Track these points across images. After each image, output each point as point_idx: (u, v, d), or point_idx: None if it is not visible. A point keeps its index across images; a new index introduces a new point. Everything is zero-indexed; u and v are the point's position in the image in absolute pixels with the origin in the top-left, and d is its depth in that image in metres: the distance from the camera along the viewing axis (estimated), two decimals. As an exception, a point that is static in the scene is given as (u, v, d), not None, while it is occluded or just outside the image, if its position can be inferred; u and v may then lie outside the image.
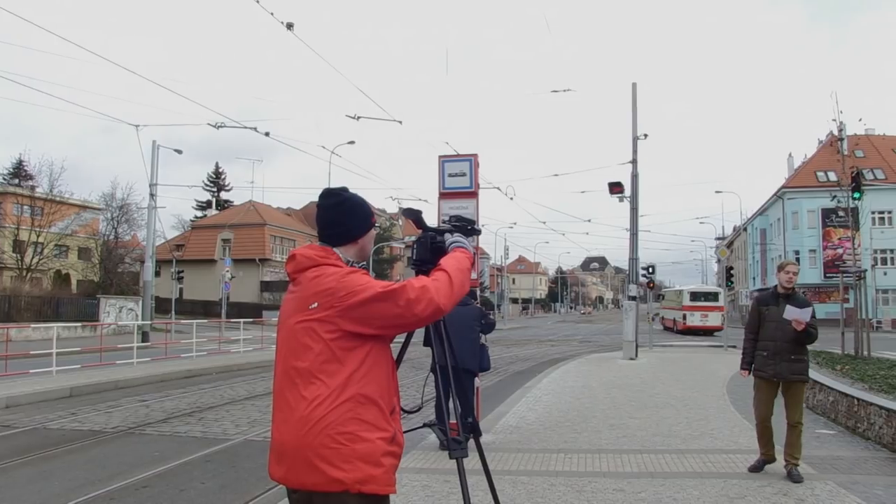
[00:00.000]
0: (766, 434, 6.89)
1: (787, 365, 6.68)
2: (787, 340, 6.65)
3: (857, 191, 17.22)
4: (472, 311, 8.47)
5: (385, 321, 2.48)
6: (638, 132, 23.60)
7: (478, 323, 8.44)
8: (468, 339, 8.24)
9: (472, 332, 8.33)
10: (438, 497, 6.12)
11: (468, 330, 8.24)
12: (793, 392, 6.76)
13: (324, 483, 2.38)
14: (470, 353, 8.23)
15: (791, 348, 6.67)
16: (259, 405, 12.32)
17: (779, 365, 6.70)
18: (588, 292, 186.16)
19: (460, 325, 8.25)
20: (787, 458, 6.64)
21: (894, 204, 53.82)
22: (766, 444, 6.89)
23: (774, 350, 6.73)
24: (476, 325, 8.40)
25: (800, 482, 6.42)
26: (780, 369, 6.70)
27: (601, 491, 6.33)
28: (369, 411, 2.46)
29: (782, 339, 6.68)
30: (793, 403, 6.75)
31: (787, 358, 6.68)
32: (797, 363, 6.70)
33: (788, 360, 6.67)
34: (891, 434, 8.13)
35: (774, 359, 6.73)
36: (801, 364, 6.72)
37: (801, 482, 6.42)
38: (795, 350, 6.68)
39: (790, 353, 6.67)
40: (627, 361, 20.93)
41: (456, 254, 2.83)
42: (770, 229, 64.18)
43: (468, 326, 8.26)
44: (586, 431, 9.31)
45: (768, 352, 6.79)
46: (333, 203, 2.72)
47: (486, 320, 8.65)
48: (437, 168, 9.34)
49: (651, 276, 30.23)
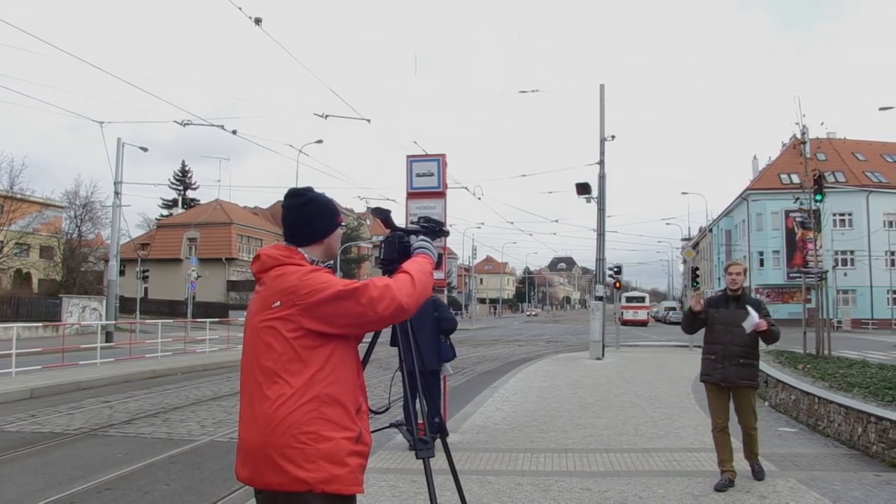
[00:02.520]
0: (724, 444, 6.49)
1: (736, 369, 6.38)
2: (736, 343, 6.37)
3: (819, 193, 17.53)
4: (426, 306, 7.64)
5: (347, 320, 2.47)
6: (605, 133, 23.84)
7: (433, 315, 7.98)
8: (426, 334, 7.78)
9: (429, 327, 7.91)
10: (406, 497, 6.12)
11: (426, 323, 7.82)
12: (742, 397, 6.51)
13: (288, 483, 2.37)
14: (429, 349, 7.80)
15: (740, 352, 6.38)
16: (225, 405, 12.20)
17: (727, 369, 6.40)
18: (555, 292, 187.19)
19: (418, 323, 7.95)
20: (748, 458, 6.61)
21: (854, 206, 54.85)
22: (727, 456, 6.47)
23: (723, 354, 6.43)
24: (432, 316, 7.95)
25: (762, 479, 6.46)
26: (727, 374, 6.40)
27: (568, 490, 6.36)
28: (334, 410, 2.45)
29: (731, 343, 6.39)
30: (744, 410, 6.53)
31: (735, 362, 6.38)
32: (746, 367, 6.40)
33: (737, 364, 6.38)
34: (849, 431, 8.29)
35: (723, 363, 6.42)
36: (750, 369, 6.44)
37: (764, 479, 6.46)
38: (745, 353, 6.40)
39: (739, 356, 6.39)
40: (594, 361, 21.08)
41: (418, 258, 2.85)
42: (735, 230, 65.07)
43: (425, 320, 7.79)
44: (553, 431, 9.36)
45: (716, 355, 6.49)
46: (298, 203, 2.71)
47: (441, 314, 8.14)
48: (406, 168, 9.32)
49: (618, 277, 30.46)
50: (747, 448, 6.61)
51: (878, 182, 56.28)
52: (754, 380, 6.55)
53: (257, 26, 12.46)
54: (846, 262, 54.79)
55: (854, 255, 55.17)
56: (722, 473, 6.44)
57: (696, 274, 31.89)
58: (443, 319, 8.11)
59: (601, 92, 23.95)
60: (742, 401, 6.54)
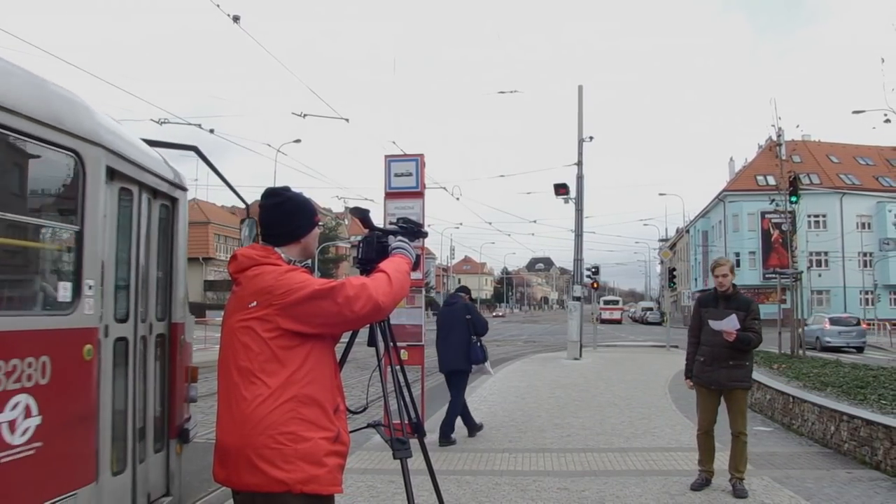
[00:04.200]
0: (707, 445, 6.42)
1: (726, 371, 6.18)
2: (723, 345, 6.14)
3: (794, 195, 17.74)
4: (459, 310, 8.92)
5: (324, 319, 2.47)
6: (584, 134, 23.94)
7: (465, 319, 8.77)
8: (457, 338, 8.70)
9: (461, 331, 8.73)
10: (384, 498, 6.12)
11: (457, 329, 8.72)
12: (733, 400, 6.29)
13: (265, 483, 2.37)
14: (460, 352, 8.68)
15: (729, 353, 6.16)
16: (202, 406, 12.06)
17: (716, 372, 6.22)
18: (533, 293, 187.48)
19: (450, 325, 8.84)
20: (732, 472, 6.26)
21: (828, 208, 55.40)
22: (707, 457, 6.43)
23: (712, 356, 6.25)
24: (463, 322, 8.76)
25: (744, 497, 6.04)
26: (717, 376, 6.23)
27: (545, 490, 6.39)
28: (311, 411, 2.45)
29: (720, 344, 6.16)
30: (734, 412, 6.29)
31: (725, 364, 6.18)
32: (736, 369, 6.20)
33: (727, 366, 6.18)
34: (822, 430, 8.39)
35: (712, 365, 6.24)
36: (740, 370, 6.23)
37: (746, 497, 6.04)
38: (734, 355, 6.17)
39: (728, 358, 6.18)
40: (572, 361, 21.15)
41: (395, 257, 2.85)
42: (712, 231, 65.48)
43: (456, 326, 8.75)
44: (531, 431, 9.39)
45: (706, 357, 6.31)
46: (275, 203, 2.71)
47: (474, 316, 8.90)
48: (384, 168, 9.31)
49: (595, 277, 30.56)
50: (734, 458, 6.27)
51: (851, 184, 56.91)
52: (746, 381, 6.36)
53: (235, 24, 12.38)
54: (820, 263, 55.33)
55: (828, 256, 55.73)
56: (700, 472, 6.45)
57: (674, 274, 32.14)
58: (476, 323, 8.85)
59: (580, 93, 24.09)
60: (733, 403, 6.31)
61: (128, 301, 4.47)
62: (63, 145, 3.61)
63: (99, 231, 3.89)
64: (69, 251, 3.80)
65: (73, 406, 3.63)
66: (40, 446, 3.29)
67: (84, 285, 3.74)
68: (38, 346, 3.35)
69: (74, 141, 3.68)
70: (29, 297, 3.79)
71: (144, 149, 4.84)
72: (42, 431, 3.30)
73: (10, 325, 3.26)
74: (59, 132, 3.56)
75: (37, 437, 3.27)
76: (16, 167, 3.58)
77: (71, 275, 3.75)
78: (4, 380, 3.08)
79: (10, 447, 3.10)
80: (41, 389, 3.31)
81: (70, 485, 3.59)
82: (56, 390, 3.43)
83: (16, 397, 3.14)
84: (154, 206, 4.87)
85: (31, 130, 3.37)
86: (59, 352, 3.50)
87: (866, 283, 51.91)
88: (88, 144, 3.78)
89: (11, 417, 3.12)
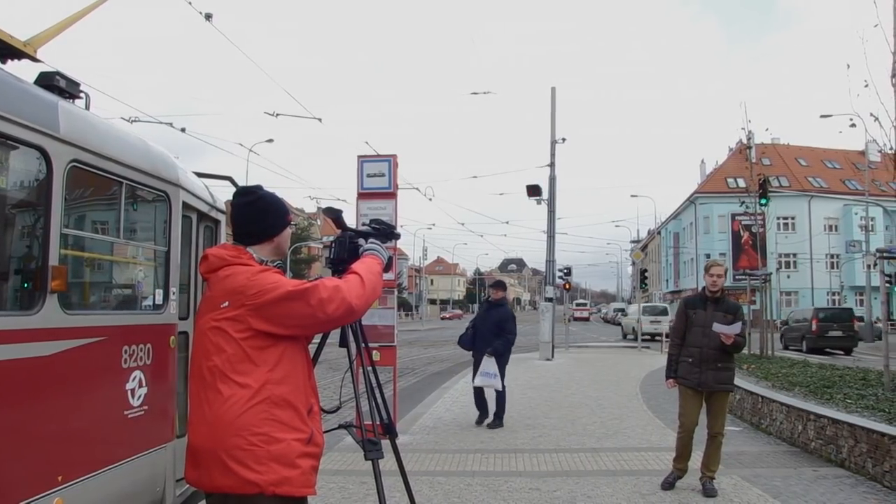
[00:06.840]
0: (687, 445, 6.41)
1: (714, 374, 6.23)
2: (713, 347, 6.19)
3: (763, 197, 17.98)
4: (503, 313, 9.77)
5: (296, 321, 2.46)
6: (556, 136, 24.02)
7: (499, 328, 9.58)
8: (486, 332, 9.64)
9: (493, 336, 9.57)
10: (356, 499, 6.10)
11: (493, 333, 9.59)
12: (717, 402, 6.35)
13: (237, 485, 2.35)
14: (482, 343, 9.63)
15: (717, 356, 6.21)
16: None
17: (704, 374, 6.23)
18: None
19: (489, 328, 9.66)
20: (703, 471, 6.31)
21: (797, 210, 56.13)
22: (684, 457, 6.44)
23: (700, 357, 6.26)
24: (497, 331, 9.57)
25: (714, 496, 6.11)
26: (704, 378, 6.24)
27: (517, 490, 6.41)
28: (285, 412, 2.43)
29: (708, 346, 6.21)
30: (716, 413, 6.34)
31: (713, 366, 6.22)
32: (723, 371, 6.28)
33: (715, 368, 6.23)
34: (790, 429, 8.51)
35: (700, 367, 6.25)
36: (727, 373, 6.32)
37: (716, 496, 6.11)
38: (722, 358, 6.25)
39: (716, 360, 6.23)
40: (543, 362, 21.19)
41: (368, 259, 2.84)
42: (683, 233, 66.11)
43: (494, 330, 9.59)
44: (502, 431, 9.41)
45: (693, 359, 6.30)
46: (247, 201, 2.69)
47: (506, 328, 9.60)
48: (356, 168, 9.27)
49: (568, 278, 30.69)
50: (708, 458, 6.31)
51: (819, 187, 57.68)
52: (731, 384, 6.46)
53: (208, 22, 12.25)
54: (789, 265, 56.10)
55: (797, 258, 56.50)
56: (673, 469, 6.48)
57: (645, 276, 32.34)
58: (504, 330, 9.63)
59: (552, 95, 24.14)
60: (716, 405, 6.36)
61: (187, 303, 5.74)
62: (158, 189, 4.95)
63: (176, 250, 5.20)
64: (161, 266, 5.14)
65: (163, 381, 4.88)
66: (147, 409, 4.56)
67: (171, 292, 5.08)
68: (145, 336, 4.65)
69: (166, 185, 5.03)
70: (139, 300, 5.20)
71: (197, 181, 6.00)
72: (148, 398, 4.58)
73: (131, 320, 4.72)
74: (157, 180, 4.91)
75: (145, 402, 4.55)
76: (132, 205, 4.83)
77: (162, 284, 5.10)
78: (129, 359, 4.39)
79: (133, 407, 4.42)
80: (147, 368, 4.60)
81: (162, 439, 4.85)
82: (154, 369, 4.69)
83: (135, 372, 4.45)
84: (201, 226, 6.14)
85: (142, 180, 4.70)
86: (157, 340, 4.80)
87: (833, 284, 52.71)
88: (173, 187, 5.13)
89: (133, 386, 4.42)
